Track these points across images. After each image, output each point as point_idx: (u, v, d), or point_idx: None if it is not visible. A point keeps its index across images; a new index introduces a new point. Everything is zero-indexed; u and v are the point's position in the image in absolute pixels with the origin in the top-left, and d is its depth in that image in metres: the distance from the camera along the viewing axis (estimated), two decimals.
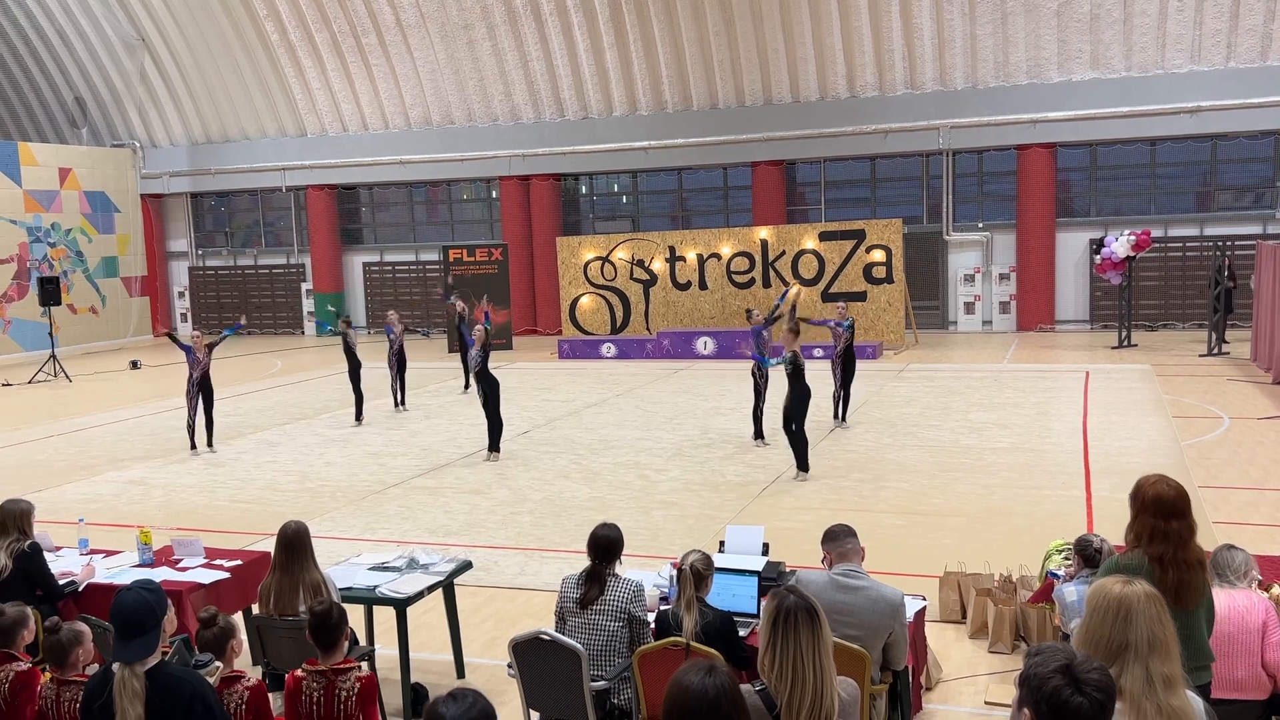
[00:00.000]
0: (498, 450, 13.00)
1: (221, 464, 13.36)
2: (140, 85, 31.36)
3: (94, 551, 7.14)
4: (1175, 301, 24.54)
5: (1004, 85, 24.65)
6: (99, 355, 28.16)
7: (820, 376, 13.27)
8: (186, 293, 33.40)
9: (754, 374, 13.23)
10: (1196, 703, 2.94)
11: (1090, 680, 2.44)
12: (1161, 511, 4.13)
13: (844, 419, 14.33)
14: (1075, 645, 2.92)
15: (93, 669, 4.89)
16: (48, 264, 29.02)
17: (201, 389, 13.94)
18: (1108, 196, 25.28)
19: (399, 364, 16.83)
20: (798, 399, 11.32)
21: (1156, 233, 23.44)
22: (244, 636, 4.89)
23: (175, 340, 14.64)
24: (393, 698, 6.03)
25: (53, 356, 23.49)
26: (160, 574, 6.49)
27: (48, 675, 4.72)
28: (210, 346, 14.17)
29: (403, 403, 16.92)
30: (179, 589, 6.18)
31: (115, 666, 3.77)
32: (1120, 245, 20.76)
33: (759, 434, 13.27)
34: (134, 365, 24.87)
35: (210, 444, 14.16)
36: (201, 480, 12.49)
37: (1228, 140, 23.89)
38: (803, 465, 11.38)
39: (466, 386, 18.22)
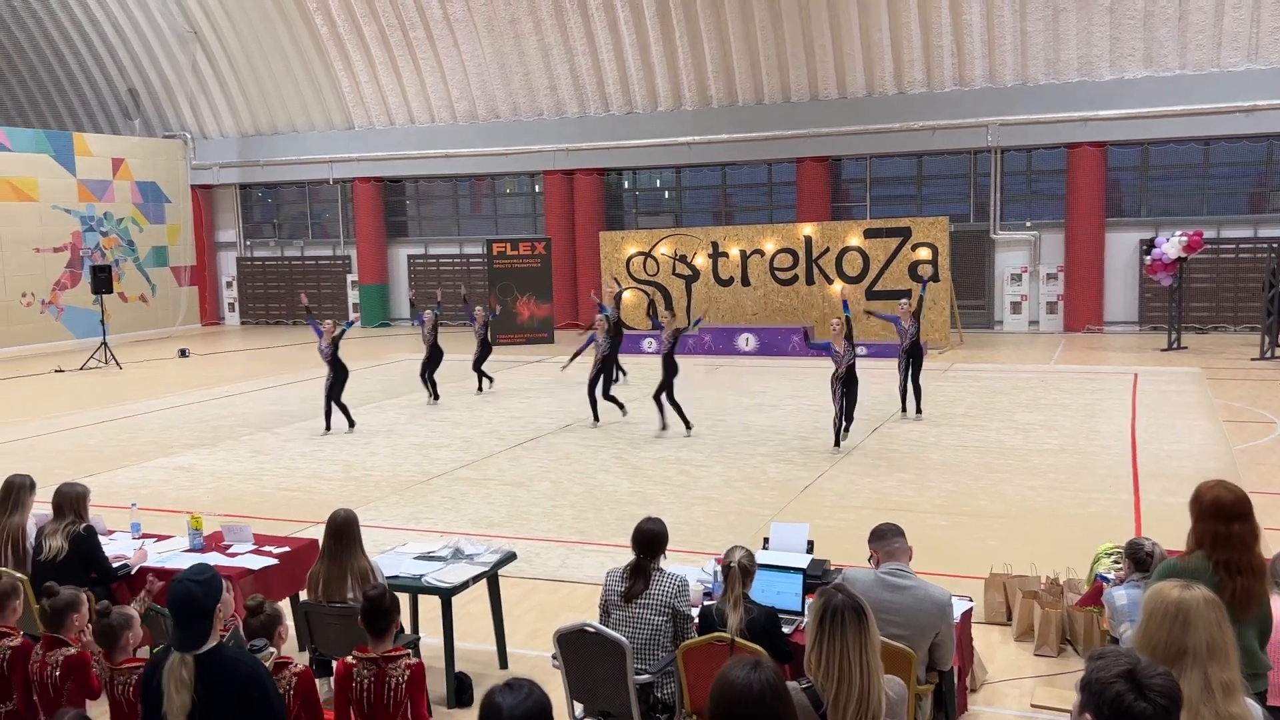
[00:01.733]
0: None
1: (268, 452, 13.54)
2: (192, 77, 31.80)
3: (146, 535, 7.27)
4: (1227, 304, 24.11)
5: (1054, 83, 24.33)
6: (148, 343, 28.61)
7: (876, 373, 13.18)
8: (234, 283, 33.84)
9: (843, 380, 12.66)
10: (1255, 710, 2.89)
11: (1154, 686, 2.39)
12: (1222, 515, 4.04)
13: (919, 411, 14.51)
14: (1132, 649, 2.88)
15: (143, 652, 4.98)
16: (100, 253, 29.53)
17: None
18: (1159, 196, 24.88)
19: (432, 356, 17.06)
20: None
21: (1209, 234, 23.03)
22: (290, 624, 4.94)
23: (312, 322, 15.37)
24: (436, 686, 6.08)
25: (104, 344, 23.90)
26: (210, 559, 6.59)
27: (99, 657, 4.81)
28: (335, 339, 14.69)
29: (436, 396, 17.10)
30: (229, 574, 6.27)
31: (171, 651, 3.84)
32: (1171, 246, 20.44)
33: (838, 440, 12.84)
34: (183, 354, 25.24)
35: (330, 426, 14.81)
36: (249, 468, 12.66)
37: None
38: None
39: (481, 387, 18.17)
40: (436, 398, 17.02)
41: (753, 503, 10.44)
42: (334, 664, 5.05)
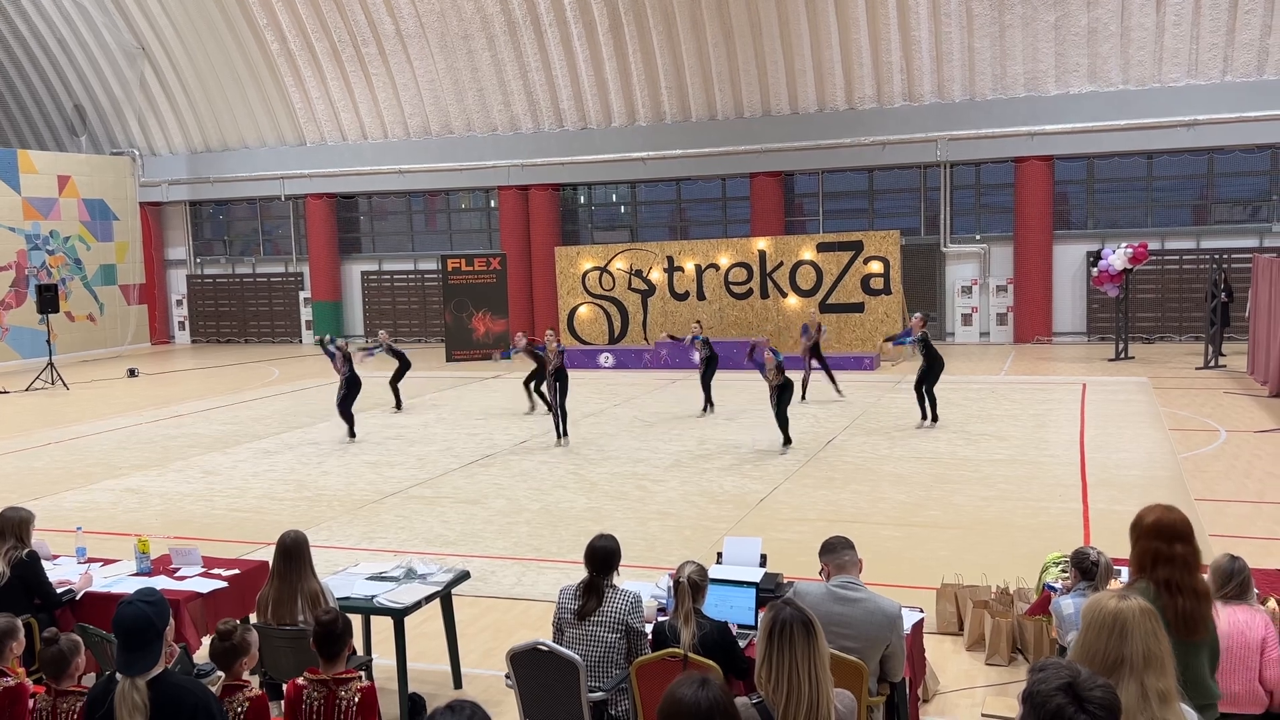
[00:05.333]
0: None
1: (219, 472, 13.36)
2: (140, 93, 31.41)
3: (92, 560, 7.14)
4: (1172, 314, 24.59)
5: (1001, 98, 24.73)
6: (97, 363, 28.15)
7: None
8: (185, 301, 33.40)
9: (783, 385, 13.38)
10: (1191, 717, 2.95)
11: (1094, 698, 2.42)
12: (1163, 535, 4.00)
13: (935, 418, 14.93)
14: (1071, 659, 2.93)
15: (88, 679, 4.89)
16: (46, 271, 29.02)
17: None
18: (1105, 209, 25.35)
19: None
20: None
21: (1153, 245, 23.49)
22: (256, 652, 4.81)
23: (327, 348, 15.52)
24: (390, 708, 6.03)
25: (50, 364, 23.47)
26: (158, 583, 6.49)
27: (40, 688, 4.70)
28: (348, 357, 15.20)
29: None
30: (177, 598, 6.18)
31: (118, 676, 3.78)
32: (1117, 258, 20.82)
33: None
34: (131, 373, 24.86)
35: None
36: (199, 489, 12.49)
37: (1224, 154, 23.98)
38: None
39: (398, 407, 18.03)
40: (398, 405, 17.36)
41: (708, 517, 10.47)
42: (284, 687, 4.99)
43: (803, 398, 16.94)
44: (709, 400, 16.82)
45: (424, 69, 28.37)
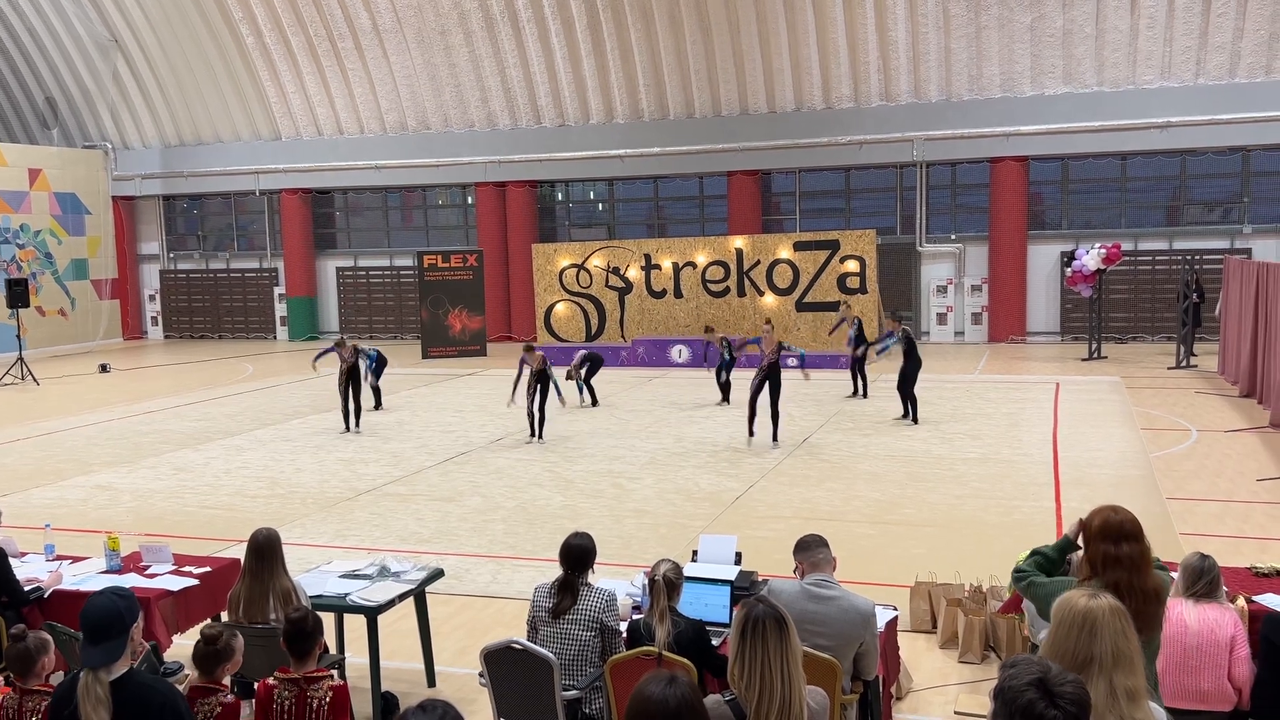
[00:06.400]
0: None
1: (191, 469, 13.25)
2: (113, 86, 31.09)
3: (61, 557, 7.07)
4: (1144, 314, 24.81)
5: (977, 98, 24.87)
6: (68, 358, 27.87)
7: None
8: (158, 296, 33.11)
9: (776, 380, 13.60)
10: (1159, 714, 2.97)
11: (1064, 693, 2.45)
12: (1110, 537, 3.98)
13: (915, 419, 15.09)
14: (1041, 657, 2.94)
15: (57, 678, 4.83)
16: (16, 265, 28.71)
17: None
18: (1079, 210, 25.54)
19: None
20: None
21: (1126, 246, 23.68)
22: (240, 658, 4.74)
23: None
24: (363, 706, 6.00)
25: (20, 359, 23.21)
26: (128, 580, 6.43)
27: (6, 688, 4.65)
28: (357, 349, 15.51)
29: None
30: (147, 596, 6.13)
31: (82, 672, 3.74)
32: (1091, 258, 20.98)
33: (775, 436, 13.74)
34: (103, 369, 24.62)
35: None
36: (170, 486, 12.38)
37: (1196, 156, 24.20)
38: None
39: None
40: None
41: (684, 514, 10.47)
42: (255, 686, 4.95)
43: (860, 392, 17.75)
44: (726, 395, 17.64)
45: (401, 64, 28.23)
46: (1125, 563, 3.92)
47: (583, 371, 17.69)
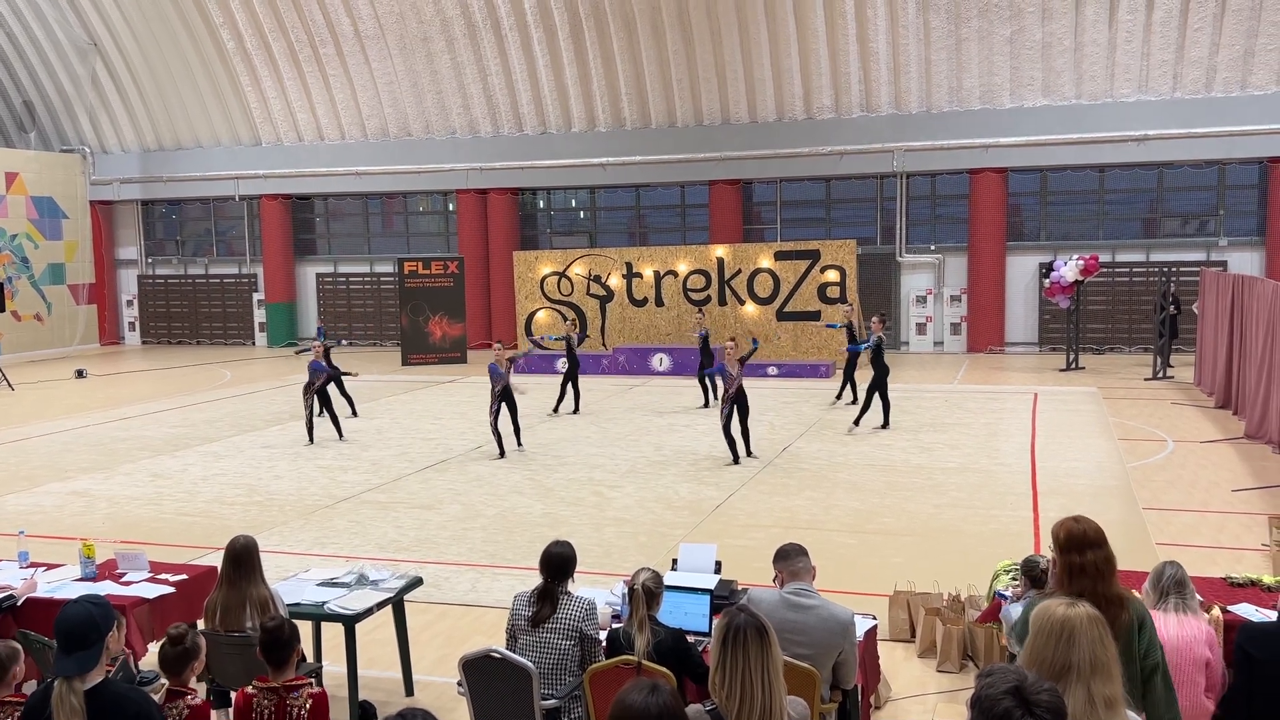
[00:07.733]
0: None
1: (168, 475, 13.15)
2: (91, 90, 30.88)
3: (35, 565, 7.00)
4: (1121, 326, 24.99)
5: (957, 110, 25.03)
6: (44, 363, 27.62)
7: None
8: (135, 301, 32.87)
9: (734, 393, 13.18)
10: None
11: (1040, 701, 2.46)
12: (1074, 546, 4.01)
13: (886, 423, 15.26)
14: (1019, 665, 2.96)
15: (29, 687, 4.78)
16: None
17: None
18: (1057, 221, 25.71)
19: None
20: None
21: (1104, 258, 23.87)
22: (204, 657, 4.73)
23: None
24: (340, 715, 5.95)
25: None
26: (103, 588, 6.37)
27: None
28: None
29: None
30: (123, 604, 6.07)
31: (56, 681, 3.70)
32: (1069, 270, 21.12)
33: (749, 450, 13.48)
34: (80, 374, 24.41)
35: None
36: (147, 492, 12.28)
37: (1173, 168, 24.43)
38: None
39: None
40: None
41: (664, 523, 10.47)
42: (233, 695, 4.92)
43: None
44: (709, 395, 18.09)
45: (382, 70, 28.17)
46: (1090, 570, 3.96)
47: (543, 340, 19.76)
